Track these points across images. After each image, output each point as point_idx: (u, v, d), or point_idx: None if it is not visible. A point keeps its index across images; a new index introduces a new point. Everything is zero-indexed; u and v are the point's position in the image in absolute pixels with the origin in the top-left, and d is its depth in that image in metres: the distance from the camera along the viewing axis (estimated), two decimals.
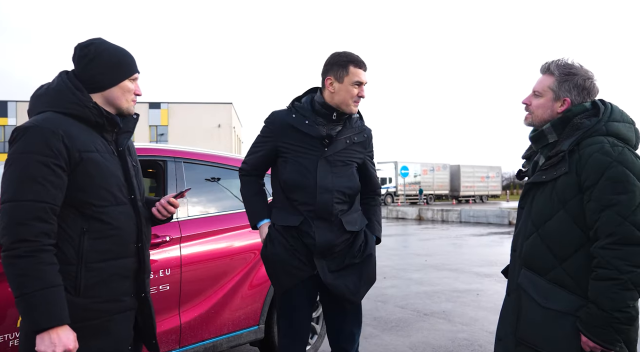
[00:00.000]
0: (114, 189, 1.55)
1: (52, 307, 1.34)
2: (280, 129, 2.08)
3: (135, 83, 1.65)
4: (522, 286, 1.64)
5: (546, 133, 1.65)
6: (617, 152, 1.48)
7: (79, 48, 1.58)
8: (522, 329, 1.63)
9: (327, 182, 2.02)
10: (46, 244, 1.38)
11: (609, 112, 1.58)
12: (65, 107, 1.50)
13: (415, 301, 5.37)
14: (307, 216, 2.02)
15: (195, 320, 2.72)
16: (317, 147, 2.04)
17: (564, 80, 1.62)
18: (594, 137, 1.54)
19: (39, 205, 1.37)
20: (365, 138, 2.17)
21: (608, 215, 1.44)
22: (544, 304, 1.56)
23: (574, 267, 1.53)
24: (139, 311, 1.66)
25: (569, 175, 1.53)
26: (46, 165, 1.39)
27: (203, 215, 2.93)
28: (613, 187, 1.44)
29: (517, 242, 1.72)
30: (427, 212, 19.83)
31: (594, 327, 1.45)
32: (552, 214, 1.57)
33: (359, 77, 2.02)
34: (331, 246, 2.02)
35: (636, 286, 1.41)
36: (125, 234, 1.57)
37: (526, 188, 1.71)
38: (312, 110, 2.07)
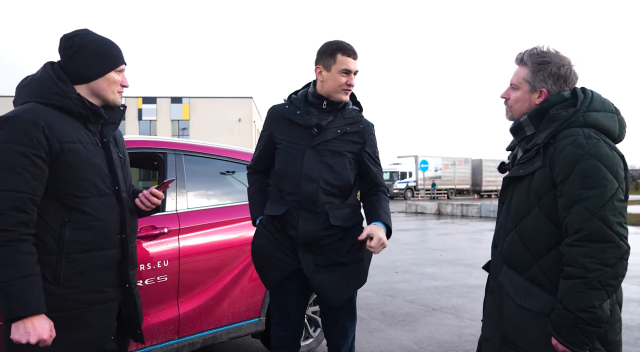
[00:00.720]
0: (96, 180, 1.55)
1: (27, 296, 1.36)
2: (275, 120, 2.11)
3: (121, 74, 1.65)
4: (502, 285, 1.59)
5: (524, 125, 1.59)
6: (590, 145, 1.40)
7: (64, 39, 1.59)
8: (505, 329, 1.58)
9: (312, 172, 1.98)
10: (24, 233, 1.39)
11: (589, 101, 1.50)
12: (48, 98, 1.51)
13: (425, 296, 5.31)
14: (292, 206, 2.00)
15: (194, 311, 2.74)
16: (306, 136, 2.02)
17: (538, 70, 1.55)
18: (571, 129, 1.46)
19: (17, 195, 1.39)
20: (360, 129, 2.09)
21: (576, 210, 1.37)
22: (521, 303, 1.51)
23: (548, 266, 1.47)
24: (123, 302, 1.67)
25: (544, 169, 1.47)
26: (25, 155, 1.40)
27: (202, 207, 2.95)
28: (583, 182, 1.37)
29: (498, 238, 1.66)
30: (446, 207, 19.57)
31: (562, 329, 1.39)
32: (529, 210, 1.51)
33: (347, 65, 1.99)
34: (315, 238, 1.99)
35: (603, 285, 1.33)
36: (107, 225, 1.58)
37: (505, 182, 1.65)
38: (305, 101, 2.08)
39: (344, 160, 2.05)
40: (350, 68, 2.00)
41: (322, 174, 1.99)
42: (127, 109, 1.79)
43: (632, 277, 6.25)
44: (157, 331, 2.59)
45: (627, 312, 4.64)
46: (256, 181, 2.23)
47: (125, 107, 1.72)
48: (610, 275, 1.33)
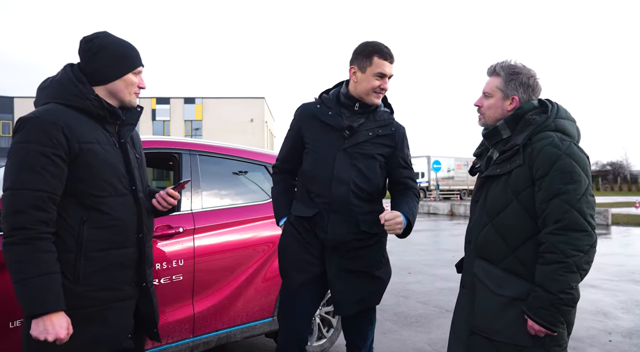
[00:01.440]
0: (114, 180, 1.58)
1: (46, 294, 1.38)
2: (304, 119, 2.08)
3: (139, 76, 1.67)
4: (477, 276, 1.72)
5: (500, 129, 1.75)
6: (565, 146, 1.58)
7: (84, 41, 1.62)
8: (476, 319, 1.71)
9: (343, 174, 1.96)
10: (44, 232, 1.42)
11: (556, 110, 1.70)
12: (67, 99, 1.54)
13: (439, 297, 5.28)
14: (322, 208, 1.98)
15: (208, 310, 2.76)
16: (338, 139, 1.99)
17: (510, 80, 1.73)
18: (544, 132, 1.64)
19: (37, 193, 1.41)
20: (392, 131, 2.07)
21: (556, 203, 1.53)
22: (497, 291, 1.65)
23: (524, 255, 1.62)
24: (140, 301, 1.69)
25: (523, 167, 1.62)
26: (45, 155, 1.43)
27: (218, 207, 2.97)
28: (562, 177, 1.54)
29: (471, 234, 1.81)
30: (459, 208, 19.42)
31: (540, 309, 1.53)
32: (506, 205, 1.66)
33: (382, 69, 1.96)
34: (343, 242, 1.97)
35: (579, 269, 1.50)
36: (125, 224, 1.60)
37: (481, 182, 1.79)
38: (336, 101, 2.05)
39: (375, 164, 2.02)
40: (385, 72, 1.97)
41: (352, 177, 1.96)
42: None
43: None
44: (173, 329, 2.61)
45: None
46: (282, 181, 2.20)
47: (142, 108, 1.74)
48: (584, 260, 1.51)
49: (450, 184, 34.32)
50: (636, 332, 4.05)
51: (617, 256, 8.26)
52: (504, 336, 1.63)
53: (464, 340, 1.75)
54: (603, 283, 5.96)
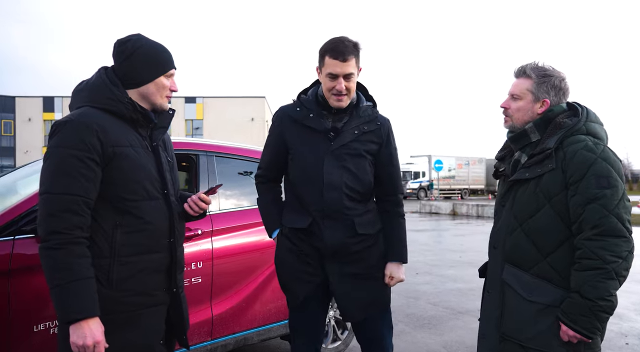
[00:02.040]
0: (147, 183, 1.56)
1: (81, 299, 1.37)
2: (286, 123, 1.97)
3: (171, 79, 1.65)
4: (506, 282, 1.69)
5: (529, 132, 1.71)
6: (600, 150, 1.56)
7: (117, 44, 1.61)
8: (506, 325, 1.68)
9: (334, 179, 1.88)
10: (78, 236, 1.41)
11: (586, 113, 1.67)
12: (102, 103, 1.53)
13: (449, 298, 5.26)
14: (316, 216, 1.89)
15: (226, 313, 2.74)
16: (323, 141, 1.90)
17: (542, 82, 1.69)
18: (576, 135, 1.61)
19: (71, 198, 1.40)
20: (378, 126, 1.97)
21: (593, 208, 1.50)
22: (529, 298, 1.62)
23: (558, 261, 1.59)
24: (172, 306, 1.67)
25: (555, 171, 1.59)
26: (80, 159, 1.42)
27: (235, 209, 2.95)
28: (598, 182, 1.51)
29: (497, 239, 1.76)
30: (461, 207, 19.40)
31: (577, 316, 1.50)
32: (537, 210, 1.62)
33: (332, 69, 1.80)
34: (342, 247, 1.90)
35: (618, 275, 1.48)
36: (157, 228, 1.58)
37: (507, 186, 1.76)
38: (316, 102, 1.95)
39: (364, 162, 1.95)
40: (335, 72, 1.80)
41: (344, 179, 1.89)
42: None
43: None
44: (191, 332, 2.59)
45: None
46: (268, 191, 2.09)
47: (174, 111, 1.73)
48: (623, 266, 1.49)
49: (451, 183, 34.29)
50: None
51: None
52: (537, 343, 1.60)
53: (494, 346, 1.73)
54: None
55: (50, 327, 2.11)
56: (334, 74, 1.82)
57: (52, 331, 2.11)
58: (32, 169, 3.02)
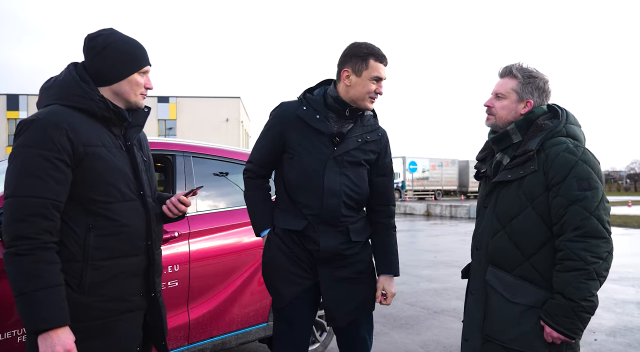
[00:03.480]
0: (121, 184, 1.49)
1: (50, 308, 1.30)
2: (289, 121, 1.90)
3: (145, 76, 1.58)
4: (489, 283, 1.70)
5: (510, 134, 1.71)
6: (580, 152, 1.58)
7: (88, 39, 1.52)
8: (490, 327, 1.69)
9: (334, 185, 1.85)
10: (47, 241, 1.33)
11: (566, 116, 1.70)
12: (71, 100, 1.45)
13: (425, 298, 5.31)
14: (312, 220, 1.86)
15: (204, 317, 2.68)
16: (326, 146, 1.87)
17: (527, 83, 1.71)
18: (557, 137, 1.64)
19: (40, 201, 1.32)
20: (379, 137, 1.99)
21: (575, 209, 1.52)
22: (512, 299, 1.63)
23: (540, 262, 1.61)
24: (149, 311, 1.61)
25: (537, 173, 1.60)
26: (48, 159, 1.34)
27: (212, 210, 2.89)
28: (579, 184, 1.53)
29: (481, 240, 1.77)
30: (435, 208, 19.71)
31: (561, 317, 1.52)
32: (519, 211, 1.64)
33: (379, 72, 1.85)
34: (336, 253, 1.88)
35: (599, 276, 1.50)
36: (133, 231, 1.51)
37: (490, 188, 1.76)
38: (324, 104, 1.91)
39: (363, 171, 1.94)
40: (382, 75, 1.87)
41: (343, 187, 1.87)
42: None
43: (627, 279, 6.35)
44: (168, 337, 2.48)
45: (626, 314, 4.71)
46: (259, 188, 2.02)
47: (150, 109, 1.66)
48: (603, 267, 1.51)
49: (425, 184, 34.79)
50: (619, 330, 4.17)
51: None
52: (520, 344, 1.61)
53: (477, 348, 1.73)
54: None
55: (18, 335, 2.01)
56: (379, 77, 1.87)
57: (20, 339, 2.02)
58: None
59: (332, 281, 1.90)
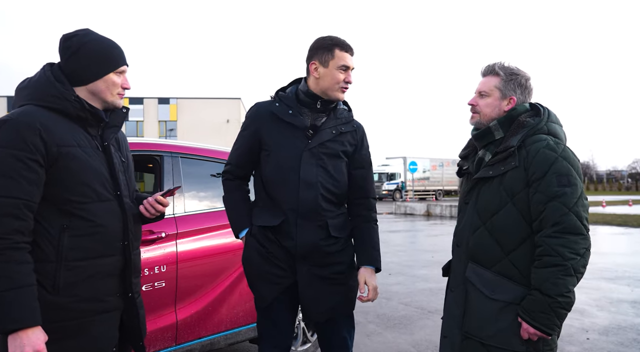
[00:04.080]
0: (97, 185, 1.49)
1: (19, 308, 1.30)
2: (263, 119, 1.93)
3: (122, 76, 1.59)
4: (469, 280, 1.71)
5: (493, 130, 1.73)
6: (560, 149, 1.59)
7: (63, 39, 1.53)
8: (468, 324, 1.70)
9: (311, 177, 1.86)
10: (18, 241, 1.34)
11: (547, 114, 1.72)
12: (46, 100, 1.45)
13: (420, 298, 5.31)
14: (290, 215, 1.86)
15: (192, 317, 2.69)
16: (301, 139, 1.88)
17: (510, 80, 1.73)
18: (538, 134, 1.65)
19: (11, 201, 1.33)
20: (354, 128, 2.00)
21: (554, 205, 1.53)
22: (491, 295, 1.64)
23: (519, 259, 1.61)
24: (126, 312, 1.61)
25: (518, 169, 1.62)
26: (20, 159, 1.35)
27: (201, 211, 2.89)
28: (559, 180, 1.54)
29: (461, 237, 1.78)
30: (435, 208, 19.69)
31: (537, 313, 1.52)
32: (500, 208, 1.64)
33: (345, 61, 1.88)
34: (315, 249, 1.86)
35: (576, 272, 1.50)
36: (109, 231, 1.52)
37: (471, 184, 1.77)
38: (296, 99, 1.94)
39: (341, 163, 1.95)
40: (348, 64, 1.89)
41: (320, 179, 1.87)
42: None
43: (623, 278, 6.34)
44: (155, 337, 2.52)
45: (620, 313, 4.69)
46: (237, 188, 2.01)
47: (128, 110, 1.66)
48: (581, 263, 1.51)
49: (425, 184, 34.77)
50: (612, 329, 4.16)
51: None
52: (498, 341, 1.62)
53: (456, 344, 1.73)
54: None
55: None
56: (347, 66, 1.89)
57: None
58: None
59: (309, 278, 1.89)
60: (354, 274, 2.00)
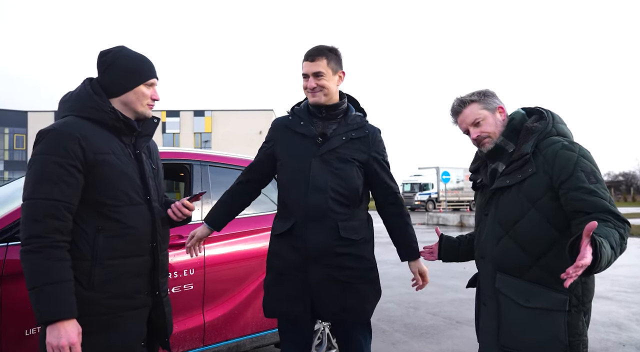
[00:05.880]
0: (129, 190, 1.62)
1: (57, 301, 1.42)
2: (278, 132, 2.09)
3: (152, 88, 1.72)
4: (500, 291, 1.65)
5: (503, 145, 1.73)
6: (577, 148, 1.58)
7: (100, 55, 1.69)
8: (504, 336, 1.63)
9: (320, 181, 1.92)
10: (58, 240, 1.46)
11: (552, 116, 1.72)
12: (85, 112, 1.60)
13: (449, 308, 5.24)
14: (299, 219, 1.93)
15: (218, 319, 2.78)
16: (312, 147, 1.98)
17: (483, 96, 1.77)
18: (550, 138, 1.65)
19: (52, 203, 1.46)
20: (366, 134, 2.03)
21: (594, 200, 1.48)
22: (526, 304, 1.58)
23: (549, 263, 1.57)
24: (153, 309, 1.71)
25: (537, 175, 1.60)
26: (61, 165, 1.48)
27: None
28: (588, 178, 1.52)
29: (485, 248, 1.75)
30: (469, 219, 19.25)
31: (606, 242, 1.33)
32: (522, 215, 1.62)
33: (303, 69, 1.99)
34: (326, 250, 1.91)
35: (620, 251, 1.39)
36: (139, 233, 1.63)
37: (489, 195, 1.76)
38: (307, 111, 2.06)
39: (352, 167, 1.98)
40: (304, 71, 1.99)
41: (329, 183, 1.93)
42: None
43: None
44: (183, 338, 2.63)
45: None
46: (229, 191, 2.17)
47: (159, 120, 1.79)
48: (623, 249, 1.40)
49: (459, 195, 34.07)
50: None
51: (632, 267, 8.12)
52: (535, 349, 1.55)
53: None
54: (617, 295, 5.88)
55: None
56: (305, 74, 2.00)
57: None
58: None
59: (321, 278, 1.92)
60: (371, 284, 2.02)
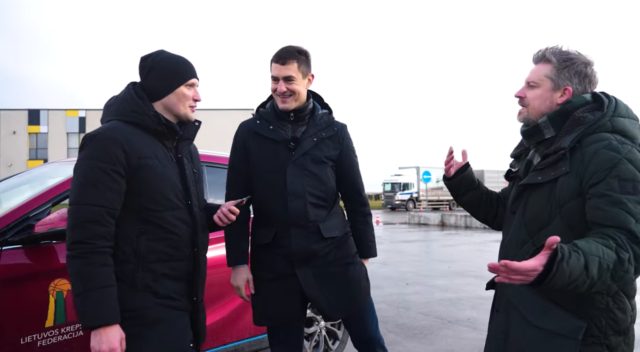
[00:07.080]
0: (170, 194, 1.60)
1: (99, 307, 1.42)
2: (247, 138, 2.00)
3: (193, 89, 1.69)
4: (512, 302, 1.48)
5: (542, 127, 1.46)
6: (626, 150, 1.30)
7: (140, 60, 1.68)
8: (509, 351, 1.47)
9: (297, 187, 1.91)
10: (101, 246, 1.45)
11: (614, 106, 1.40)
12: (128, 116, 1.58)
13: (439, 308, 5.27)
14: (281, 226, 1.92)
15: (216, 323, 2.72)
16: (284, 152, 1.94)
17: (564, 67, 1.44)
18: (599, 133, 1.36)
19: (96, 209, 1.45)
20: (335, 131, 2.02)
21: (617, 213, 1.24)
22: (534, 322, 1.38)
23: None
24: (192, 314, 1.70)
25: (569, 175, 1.35)
26: (104, 171, 1.47)
27: None
28: (622, 186, 1.26)
29: (508, 252, 1.53)
30: (450, 218, 19.53)
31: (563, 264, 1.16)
32: (549, 221, 1.39)
33: (273, 72, 1.92)
34: (311, 253, 1.92)
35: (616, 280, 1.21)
36: (180, 237, 1.62)
37: (518, 191, 1.52)
38: (274, 114, 1.99)
39: (326, 168, 1.98)
40: (274, 74, 1.91)
41: (306, 187, 1.92)
42: None
43: None
44: None
45: None
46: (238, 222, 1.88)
47: (200, 123, 1.76)
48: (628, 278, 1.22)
49: (439, 194, 34.48)
50: None
51: None
52: None
53: None
54: None
55: (38, 339, 2.07)
56: (274, 77, 1.91)
57: (40, 344, 2.07)
58: (15, 181, 2.99)
59: (311, 278, 1.94)
60: (356, 268, 2.04)
